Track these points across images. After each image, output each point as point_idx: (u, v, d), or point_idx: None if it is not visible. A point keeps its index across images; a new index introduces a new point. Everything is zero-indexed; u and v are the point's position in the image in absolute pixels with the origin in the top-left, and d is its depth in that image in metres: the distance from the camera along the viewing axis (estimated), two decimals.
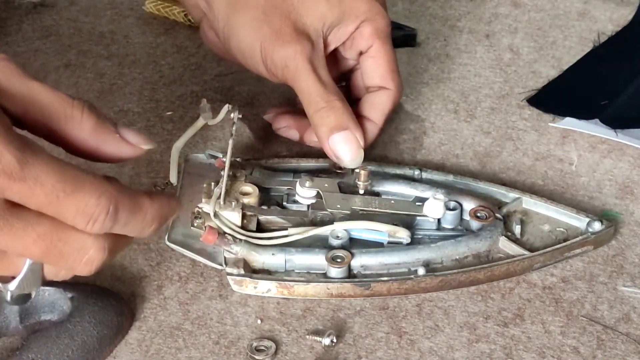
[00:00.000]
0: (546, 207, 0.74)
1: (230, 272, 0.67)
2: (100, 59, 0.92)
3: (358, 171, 0.73)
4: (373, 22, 0.75)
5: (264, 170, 0.75)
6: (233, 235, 0.68)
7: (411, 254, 0.69)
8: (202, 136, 0.82)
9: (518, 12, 0.99)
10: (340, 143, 0.73)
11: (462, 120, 0.86)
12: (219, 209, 0.69)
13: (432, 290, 0.69)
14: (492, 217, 0.72)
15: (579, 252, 0.72)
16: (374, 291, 0.68)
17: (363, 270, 0.69)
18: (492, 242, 0.71)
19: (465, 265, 0.70)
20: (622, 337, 0.67)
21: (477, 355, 0.65)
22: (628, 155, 0.82)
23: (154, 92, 0.88)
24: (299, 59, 0.72)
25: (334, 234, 0.70)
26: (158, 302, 0.68)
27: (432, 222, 0.72)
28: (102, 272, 0.70)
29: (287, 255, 0.68)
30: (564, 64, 0.92)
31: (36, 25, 0.96)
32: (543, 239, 0.73)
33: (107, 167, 0.80)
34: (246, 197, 0.71)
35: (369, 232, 0.70)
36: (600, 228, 0.72)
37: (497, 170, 0.80)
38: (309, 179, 0.72)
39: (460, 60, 0.93)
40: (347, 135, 0.73)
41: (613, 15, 0.99)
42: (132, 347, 0.65)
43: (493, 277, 0.69)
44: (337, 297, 0.68)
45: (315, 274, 0.69)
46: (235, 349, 0.65)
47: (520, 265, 0.70)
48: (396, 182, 0.75)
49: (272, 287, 0.67)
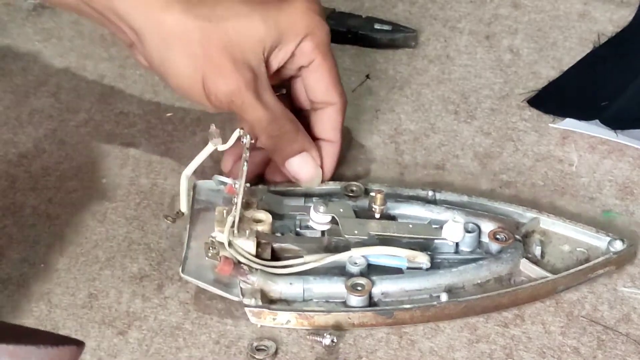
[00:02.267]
0: (565, 227, 0.73)
1: (248, 303, 0.66)
2: (101, 61, 0.92)
3: (374, 195, 0.71)
4: (313, 36, 0.71)
5: (274, 196, 0.74)
6: (249, 265, 0.67)
7: (432, 279, 0.68)
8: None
9: (518, 13, 0.99)
10: (297, 165, 0.73)
11: (462, 121, 0.86)
12: (233, 238, 0.68)
13: (456, 316, 0.67)
14: (511, 238, 0.70)
15: (602, 272, 0.70)
16: (397, 319, 0.66)
17: (384, 298, 0.67)
18: (513, 265, 0.69)
19: (487, 289, 0.68)
20: (622, 338, 0.67)
21: (478, 355, 0.65)
22: (628, 156, 0.82)
23: (155, 94, 0.88)
24: (244, 92, 0.69)
25: (352, 261, 0.68)
26: (158, 301, 0.68)
27: (450, 246, 0.70)
28: (103, 271, 0.71)
29: (305, 284, 0.67)
30: (564, 65, 0.92)
31: (37, 27, 0.96)
32: (564, 260, 0.71)
33: (107, 169, 0.80)
34: (259, 224, 0.70)
35: (388, 257, 0.68)
36: (622, 247, 0.70)
37: (497, 170, 0.80)
38: (323, 204, 0.71)
39: (460, 61, 0.93)
40: (303, 157, 0.73)
41: (613, 17, 0.99)
42: (133, 347, 0.65)
43: (517, 302, 0.68)
44: (359, 326, 0.66)
45: (335, 302, 0.67)
46: (236, 349, 0.65)
47: (544, 288, 0.68)
48: (411, 205, 0.73)
49: (291, 319, 0.66)
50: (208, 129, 0.70)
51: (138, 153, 0.82)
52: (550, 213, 0.73)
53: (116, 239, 0.73)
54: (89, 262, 0.71)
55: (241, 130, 0.69)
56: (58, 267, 0.71)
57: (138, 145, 0.82)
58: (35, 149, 0.82)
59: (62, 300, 0.68)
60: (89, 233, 0.74)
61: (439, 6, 1.00)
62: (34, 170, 0.79)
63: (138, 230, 0.74)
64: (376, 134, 0.84)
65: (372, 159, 0.81)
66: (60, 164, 0.80)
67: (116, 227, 0.74)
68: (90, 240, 0.73)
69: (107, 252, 0.72)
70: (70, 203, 0.76)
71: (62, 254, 0.72)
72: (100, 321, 0.67)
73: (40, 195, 0.77)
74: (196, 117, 0.85)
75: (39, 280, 0.70)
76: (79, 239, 0.73)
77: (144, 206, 0.76)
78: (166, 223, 0.72)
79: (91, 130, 0.84)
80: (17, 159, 0.81)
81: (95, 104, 0.87)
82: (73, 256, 0.72)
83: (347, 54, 0.93)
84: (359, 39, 0.94)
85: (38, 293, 0.69)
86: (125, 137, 0.83)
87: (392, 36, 0.94)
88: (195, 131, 0.84)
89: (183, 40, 0.69)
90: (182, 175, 0.71)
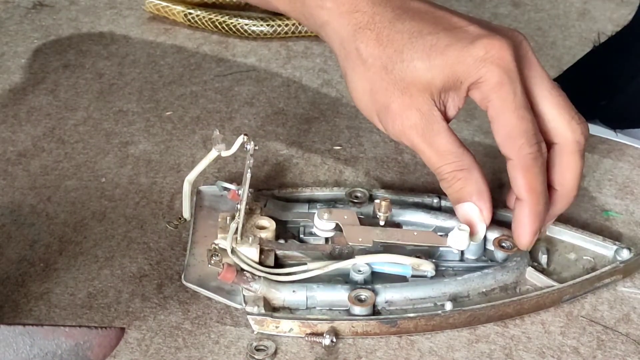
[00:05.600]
0: (571, 235, 0.72)
1: (250, 311, 0.65)
2: (100, 58, 0.92)
3: (379, 202, 0.71)
4: (483, 83, 0.66)
5: (278, 202, 0.73)
6: (252, 273, 0.66)
7: (437, 287, 0.67)
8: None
9: (518, 12, 0.99)
10: (462, 212, 0.69)
11: (461, 120, 0.86)
12: (236, 244, 0.67)
13: (461, 325, 0.66)
14: (517, 246, 0.69)
15: (609, 281, 0.70)
16: (401, 328, 0.66)
17: (388, 306, 0.67)
18: (519, 274, 0.69)
19: (492, 298, 0.67)
20: (622, 338, 0.67)
21: (477, 355, 0.65)
22: (628, 156, 0.82)
23: (154, 92, 0.88)
24: (413, 135, 0.67)
25: (356, 268, 0.67)
26: (158, 301, 0.68)
27: (455, 253, 0.70)
28: (102, 271, 0.71)
29: (308, 292, 0.66)
30: (564, 64, 0.92)
31: (35, 24, 0.96)
32: (570, 269, 0.70)
33: (106, 168, 0.80)
34: (263, 231, 0.69)
35: (392, 265, 0.68)
36: (629, 256, 0.70)
37: (497, 170, 0.80)
38: (327, 211, 0.70)
39: None
40: (468, 207, 0.68)
41: (613, 15, 0.99)
42: (132, 347, 0.65)
43: (522, 311, 0.67)
44: (362, 335, 0.66)
45: (338, 310, 0.67)
46: (235, 349, 0.65)
47: (550, 298, 0.68)
48: (416, 212, 0.73)
49: (294, 327, 0.65)
50: (208, 128, 0.70)
51: (137, 152, 0.81)
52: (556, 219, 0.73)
53: (115, 238, 0.73)
54: (88, 261, 0.71)
55: (245, 137, 0.69)
56: (57, 267, 0.71)
57: (137, 144, 0.82)
58: (34, 147, 0.82)
59: (61, 300, 0.68)
60: (88, 232, 0.74)
61: (439, 4, 1.00)
62: (32, 168, 0.79)
63: (137, 230, 0.74)
64: (376, 133, 0.84)
65: (372, 158, 0.81)
66: (59, 162, 0.80)
67: (115, 226, 0.74)
68: (89, 239, 0.73)
69: (107, 251, 0.72)
70: (69, 202, 0.76)
71: (61, 253, 0.72)
72: (99, 321, 0.67)
73: (39, 194, 0.77)
74: (196, 116, 0.85)
75: (38, 280, 0.69)
76: (78, 238, 0.73)
77: (143, 205, 0.76)
78: (165, 224, 0.72)
79: (90, 129, 0.84)
80: (15, 158, 0.80)
81: (94, 102, 0.87)
82: (72, 255, 0.72)
83: None
84: None
85: (37, 292, 0.69)
86: (124, 135, 0.83)
87: None
88: (194, 130, 0.84)
89: (357, 70, 0.69)
90: (184, 181, 0.71)
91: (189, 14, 0.97)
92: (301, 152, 0.82)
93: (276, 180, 0.79)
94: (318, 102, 0.88)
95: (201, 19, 0.96)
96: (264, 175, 0.79)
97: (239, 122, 0.85)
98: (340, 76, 0.80)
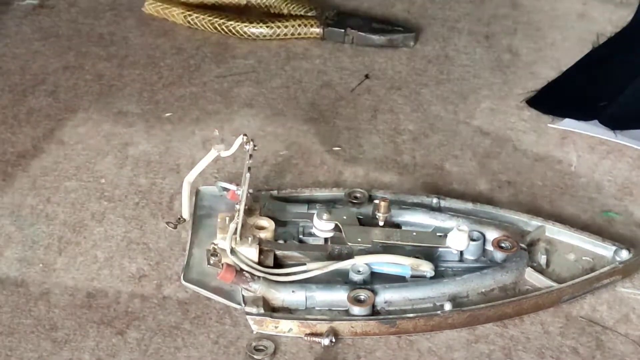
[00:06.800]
0: (570, 235, 0.72)
1: (249, 311, 0.65)
2: (100, 60, 0.92)
3: (378, 202, 0.71)
4: None
5: (277, 202, 0.73)
6: (251, 273, 0.67)
7: (436, 288, 0.67)
8: None
9: (517, 13, 0.99)
10: None
11: (461, 121, 0.86)
12: (235, 245, 0.67)
13: (460, 326, 0.66)
14: (516, 247, 0.70)
15: (607, 282, 0.70)
16: (400, 328, 0.66)
17: (387, 307, 0.67)
18: (518, 274, 0.69)
19: (491, 298, 0.68)
20: (621, 338, 0.67)
21: (476, 355, 0.65)
22: (627, 156, 0.82)
23: (153, 93, 0.88)
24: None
25: (355, 269, 0.68)
26: (157, 301, 0.68)
27: (454, 254, 0.70)
28: (101, 271, 0.71)
29: (307, 292, 0.67)
30: (563, 65, 0.92)
31: (35, 26, 0.96)
32: (570, 269, 0.70)
33: (105, 169, 0.80)
34: (262, 231, 0.69)
35: (391, 265, 0.68)
36: (628, 257, 0.70)
37: (496, 170, 0.80)
38: (327, 212, 0.70)
39: (459, 61, 0.93)
40: None
41: (612, 17, 0.99)
42: (131, 347, 0.65)
43: (521, 311, 0.67)
44: (361, 335, 0.66)
45: (338, 310, 0.67)
46: (235, 349, 0.65)
47: (548, 298, 0.68)
48: (415, 212, 0.73)
49: (293, 327, 0.66)
50: (207, 129, 0.70)
51: (137, 153, 0.81)
52: (552, 216, 0.73)
53: (115, 239, 0.73)
54: (87, 261, 0.71)
55: (244, 137, 0.69)
56: (57, 267, 0.71)
57: (137, 145, 0.82)
58: (34, 148, 0.82)
59: (60, 300, 0.68)
60: (88, 233, 0.74)
61: (438, 6, 1.00)
62: (32, 169, 0.79)
63: (137, 230, 0.74)
64: (375, 134, 0.84)
65: (371, 159, 0.81)
66: (59, 163, 0.80)
67: (115, 226, 0.74)
68: (88, 240, 0.73)
69: (106, 251, 0.72)
70: (69, 203, 0.76)
71: (60, 253, 0.72)
72: (99, 321, 0.67)
73: (39, 194, 0.77)
74: (195, 117, 0.85)
75: (38, 280, 0.69)
76: (77, 238, 0.73)
77: (143, 206, 0.76)
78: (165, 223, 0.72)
79: (89, 130, 0.84)
80: (15, 159, 0.80)
81: (94, 103, 0.87)
82: (72, 256, 0.72)
83: (346, 53, 0.93)
84: (359, 39, 0.94)
85: (37, 293, 0.69)
86: (123, 136, 0.83)
87: (391, 36, 0.94)
88: (194, 131, 0.84)
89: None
90: (184, 181, 0.71)
91: (188, 16, 0.97)
92: (300, 152, 0.82)
93: (275, 181, 0.79)
94: (317, 103, 0.88)
95: (201, 20, 0.96)
96: (263, 176, 0.79)
97: (238, 123, 0.85)
98: (340, 77, 0.80)
